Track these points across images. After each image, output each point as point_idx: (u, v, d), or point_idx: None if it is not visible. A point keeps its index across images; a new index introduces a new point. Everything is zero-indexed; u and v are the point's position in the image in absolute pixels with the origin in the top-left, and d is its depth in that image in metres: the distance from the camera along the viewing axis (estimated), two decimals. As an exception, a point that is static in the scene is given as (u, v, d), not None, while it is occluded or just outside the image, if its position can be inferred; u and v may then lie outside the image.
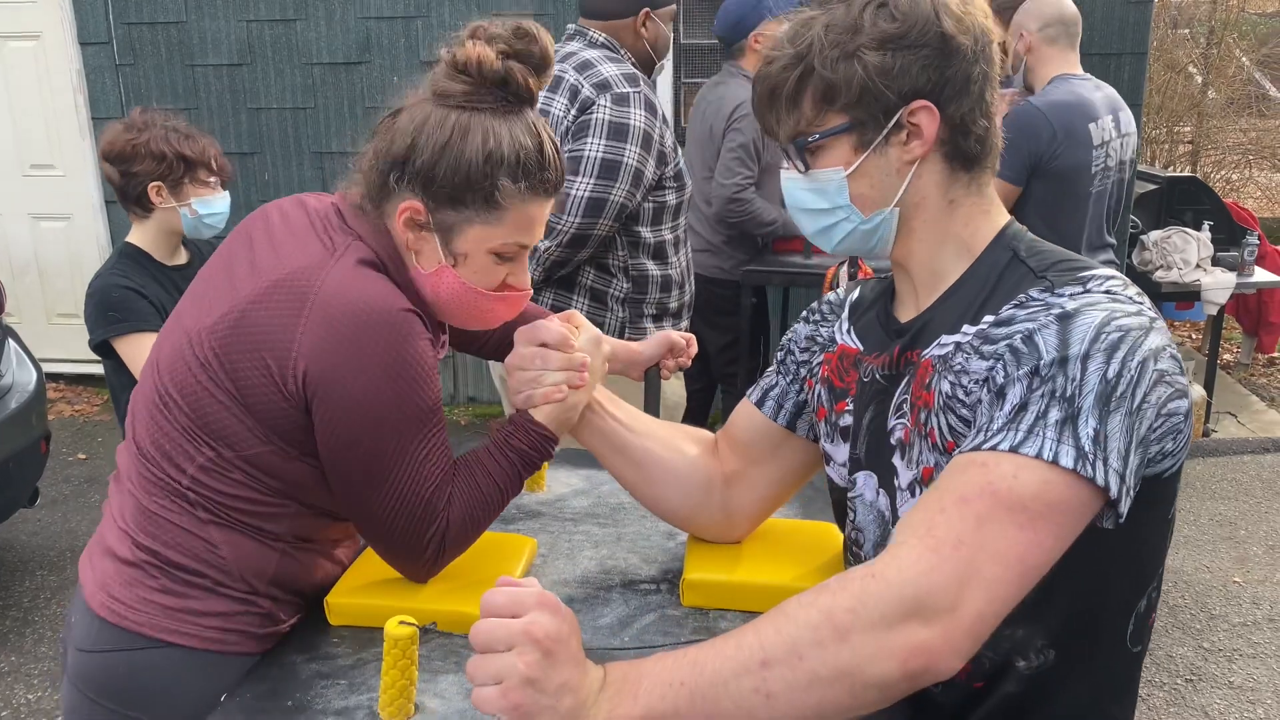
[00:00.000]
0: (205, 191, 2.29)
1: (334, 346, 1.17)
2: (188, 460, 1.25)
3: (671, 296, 2.54)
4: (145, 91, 5.20)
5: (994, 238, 1.09)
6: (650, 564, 1.48)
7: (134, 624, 1.26)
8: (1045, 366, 0.93)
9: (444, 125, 1.23)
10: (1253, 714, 2.88)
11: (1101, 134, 2.94)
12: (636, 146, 2.30)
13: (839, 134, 1.06)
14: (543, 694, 0.83)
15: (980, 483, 0.90)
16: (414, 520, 1.25)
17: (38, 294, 5.69)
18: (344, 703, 1.14)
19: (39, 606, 3.50)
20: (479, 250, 1.27)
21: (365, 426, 1.19)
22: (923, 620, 0.85)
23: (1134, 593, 1.07)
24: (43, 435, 3.55)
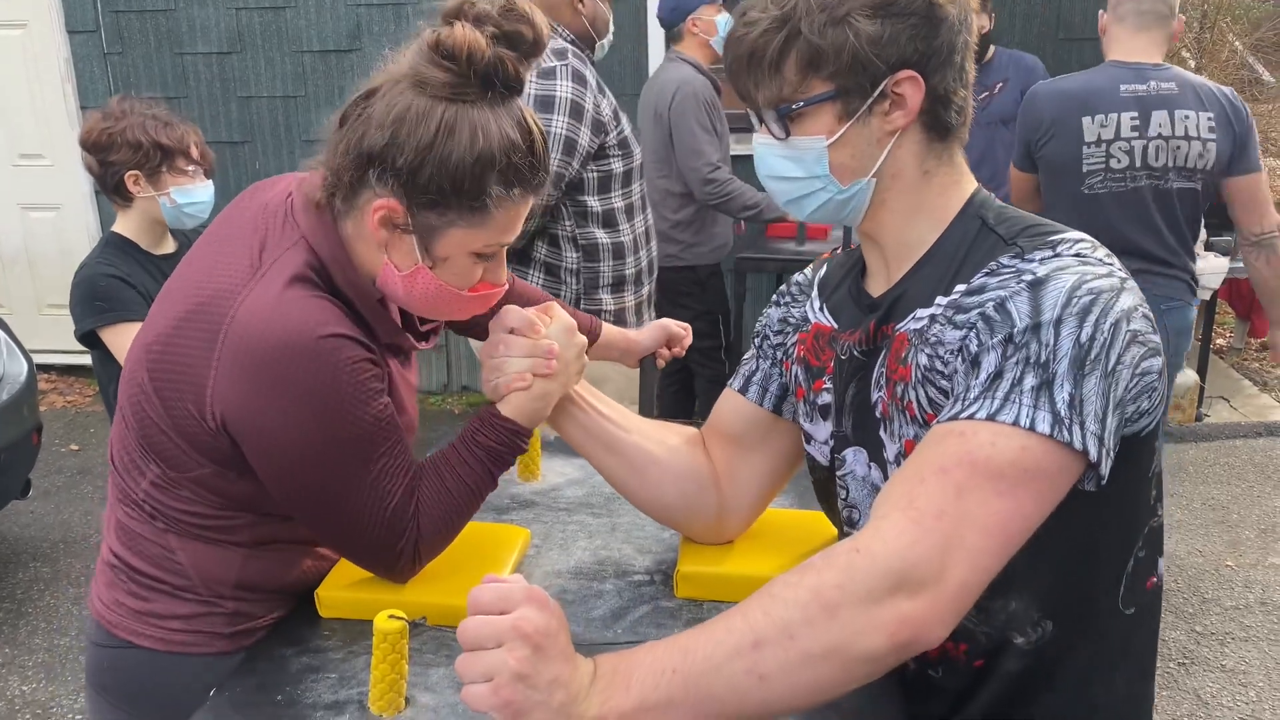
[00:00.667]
0: (184, 181, 2.26)
1: (249, 390, 1.11)
2: (140, 475, 1.24)
3: (626, 264, 2.56)
4: (134, 80, 5.17)
5: (962, 206, 1.09)
6: (645, 555, 1.47)
7: (109, 623, 1.31)
8: (1019, 334, 0.93)
9: (427, 121, 1.11)
10: (1244, 697, 2.89)
11: (1099, 130, 2.73)
12: (564, 116, 2.33)
13: (823, 102, 1.04)
14: (534, 689, 0.83)
15: (958, 452, 0.90)
16: (379, 537, 1.21)
17: (28, 284, 5.67)
18: (334, 696, 1.13)
19: (32, 598, 3.49)
20: (460, 253, 1.18)
21: (301, 465, 1.14)
22: (909, 593, 0.85)
23: (1122, 554, 1.07)
24: (34, 427, 3.54)
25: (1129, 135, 2.72)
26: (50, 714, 2.88)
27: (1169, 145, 2.71)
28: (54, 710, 2.89)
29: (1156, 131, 2.70)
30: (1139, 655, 1.13)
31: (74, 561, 3.75)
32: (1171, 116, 2.70)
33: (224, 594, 1.28)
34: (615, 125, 2.47)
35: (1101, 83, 2.76)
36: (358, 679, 1.16)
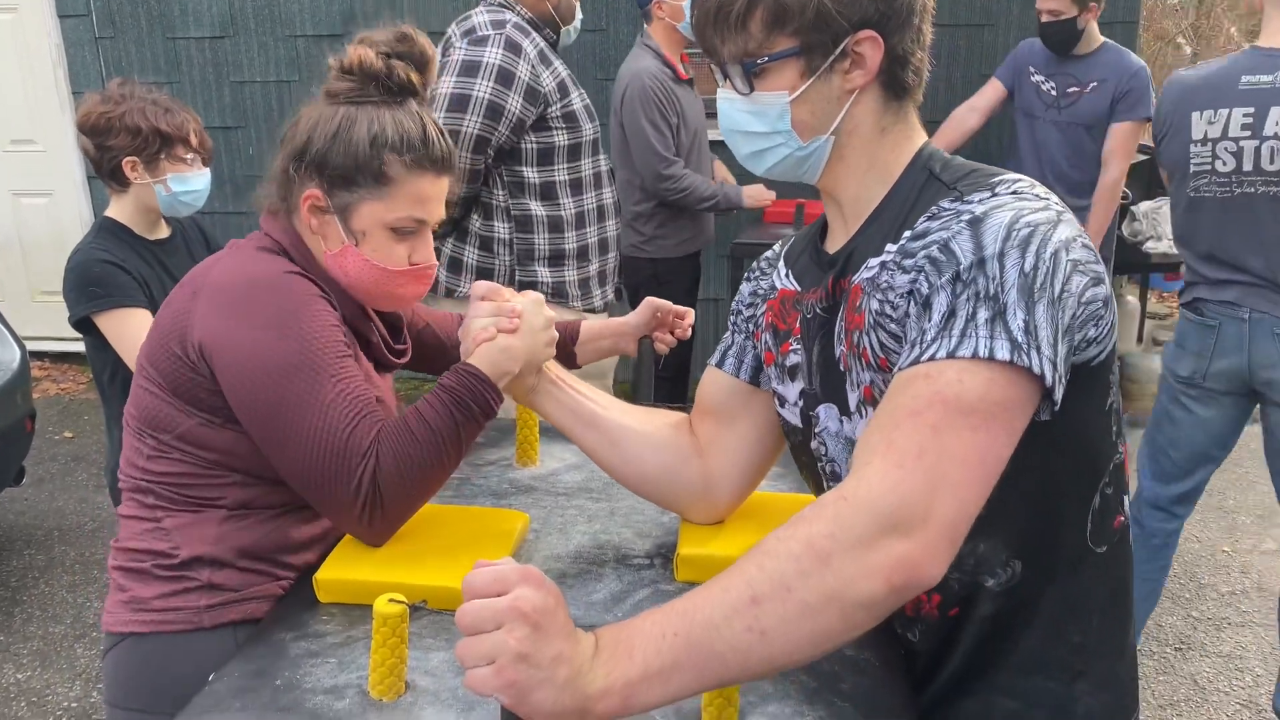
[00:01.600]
0: (182, 169, 2.23)
1: (221, 316, 1.29)
2: (139, 456, 1.38)
3: (565, 238, 2.52)
4: (126, 65, 5.13)
5: (910, 159, 1.12)
6: (644, 539, 1.47)
7: (108, 626, 1.39)
8: (965, 270, 0.96)
9: (334, 118, 1.36)
10: (1240, 682, 2.90)
11: (1207, 128, 2.45)
12: (489, 81, 2.32)
13: (787, 58, 1.06)
14: (537, 668, 0.82)
15: (928, 394, 0.92)
16: (334, 461, 1.25)
17: (20, 271, 5.63)
18: (333, 681, 1.12)
19: (27, 586, 3.48)
20: (376, 226, 1.37)
21: (261, 379, 1.26)
22: (900, 534, 0.86)
23: (1086, 489, 1.09)
24: (28, 414, 3.52)
25: (1238, 134, 2.42)
26: (45, 701, 2.87)
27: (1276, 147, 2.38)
28: (49, 698, 2.89)
29: (1273, 131, 2.37)
30: (1114, 595, 1.14)
31: (68, 549, 3.73)
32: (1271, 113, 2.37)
33: (201, 557, 1.35)
34: (560, 97, 2.44)
35: (1232, 71, 2.44)
36: (357, 663, 1.15)
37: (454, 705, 1.08)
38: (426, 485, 1.32)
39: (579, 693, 0.83)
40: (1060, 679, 1.11)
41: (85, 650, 3.10)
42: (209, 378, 1.30)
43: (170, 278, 2.28)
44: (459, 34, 2.41)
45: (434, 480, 1.33)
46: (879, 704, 1.09)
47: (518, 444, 1.76)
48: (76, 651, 3.10)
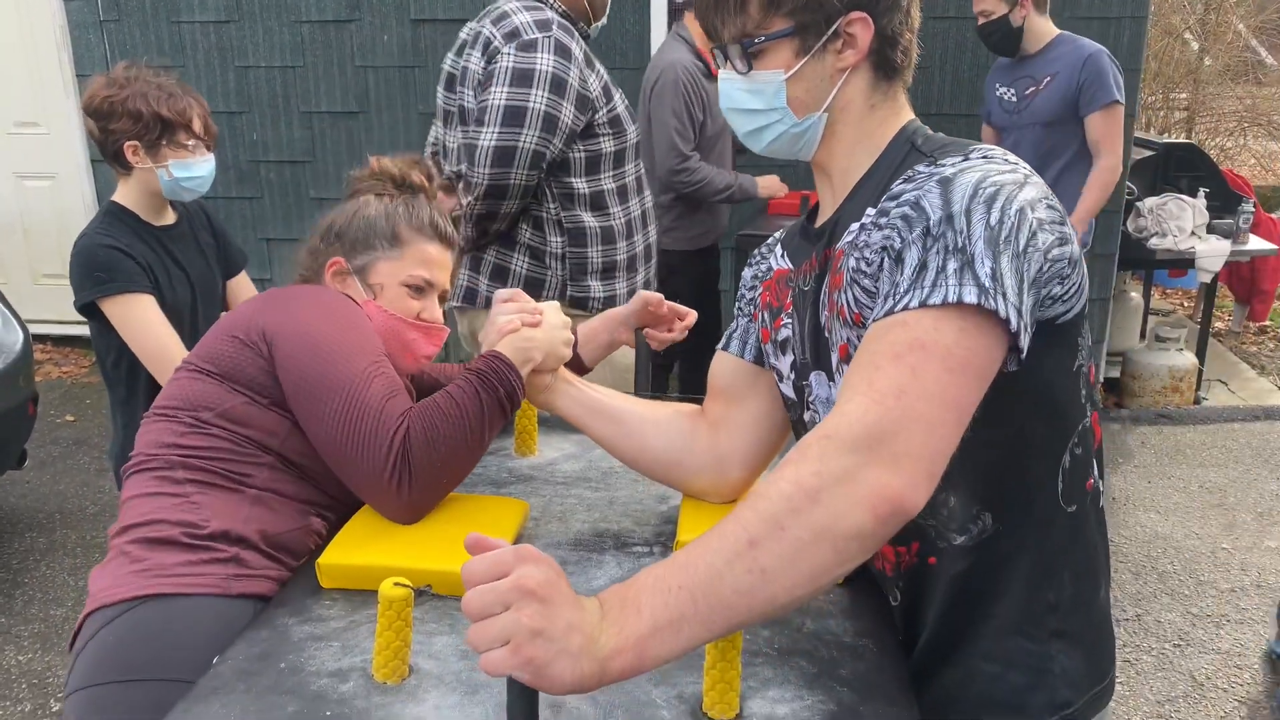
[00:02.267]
0: (184, 155, 2.22)
1: (287, 306, 1.46)
2: (172, 435, 1.42)
3: (617, 249, 2.45)
4: (130, 48, 5.12)
5: (895, 134, 1.17)
6: (643, 527, 1.47)
7: (113, 597, 1.33)
8: (935, 225, 1.00)
9: (355, 204, 1.63)
10: (1239, 679, 2.90)
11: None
12: (544, 91, 2.22)
13: (782, 38, 1.13)
14: (552, 640, 0.83)
15: (908, 339, 0.96)
16: (368, 426, 1.34)
17: (23, 254, 5.64)
18: (338, 664, 1.13)
19: (28, 568, 3.49)
20: (391, 282, 1.59)
21: (311, 353, 1.39)
22: (881, 465, 0.89)
23: (1055, 447, 1.12)
24: (30, 397, 3.52)
25: None
26: (46, 683, 2.88)
27: None
28: (50, 680, 2.90)
29: None
30: (1086, 558, 1.17)
31: (69, 532, 3.74)
32: None
33: (229, 534, 1.36)
34: (605, 102, 2.36)
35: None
36: (361, 647, 1.16)
37: (458, 688, 1.09)
38: (454, 460, 1.38)
39: (594, 657, 0.84)
40: (1037, 638, 1.14)
41: (86, 633, 3.11)
42: (267, 356, 1.41)
43: (175, 264, 2.28)
44: (500, 37, 2.27)
45: (461, 458, 1.39)
46: (877, 688, 1.09)
47: (516, 434, 1.76)
48: (77, 634, 3.11)
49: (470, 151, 2.26)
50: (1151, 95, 8.96)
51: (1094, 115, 3.63)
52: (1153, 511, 3.90)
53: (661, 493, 1.56)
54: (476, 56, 2.32)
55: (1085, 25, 4.55)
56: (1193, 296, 6.59)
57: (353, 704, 1.06)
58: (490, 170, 2.25)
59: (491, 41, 2.28)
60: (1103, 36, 4.57)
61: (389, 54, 4.98)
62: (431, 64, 4.87)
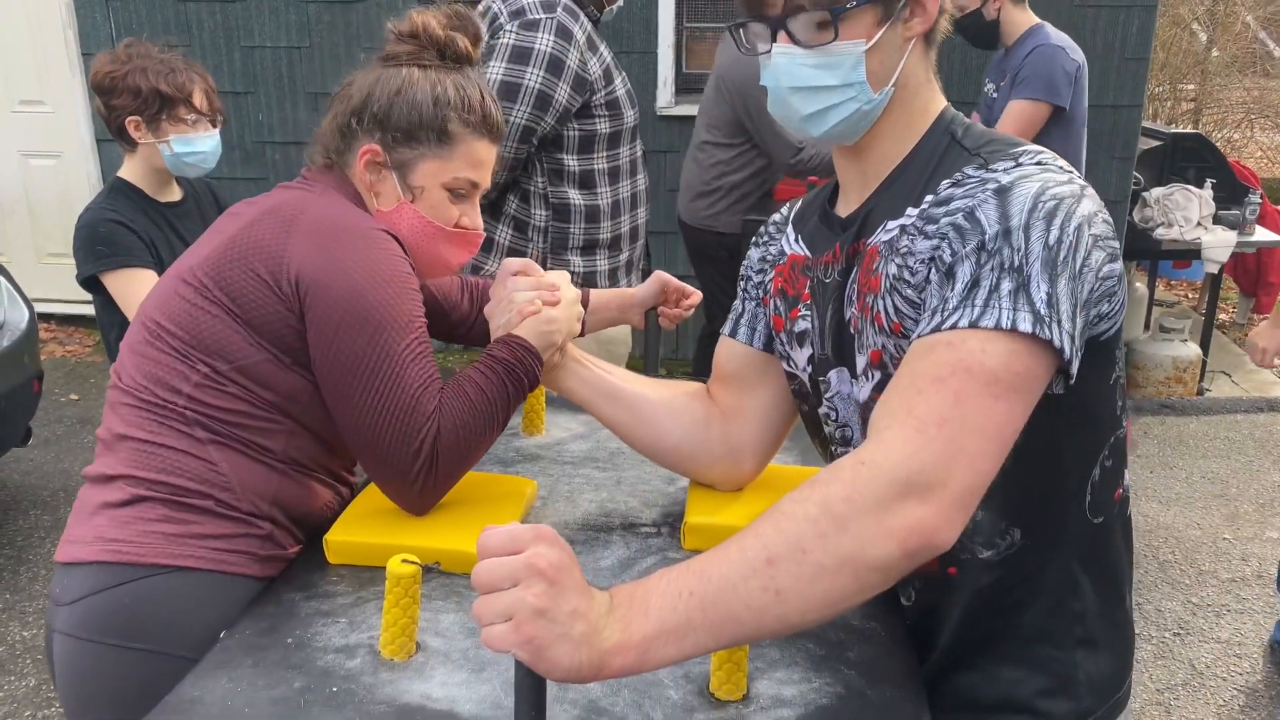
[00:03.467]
0: (184, 130, 2.22)
1: (321, 254, 1.28)
2: (183, 380, 1.29)
3: (600, 227, 2.47)
4: (136, 26, 5.10)
5: (933, 122, 1.11)
6: (651, 508, 1.47)
7: (135, 555, 1.26)
8: (990, 240, 0.96)
9: (395, 78, 1.38)
10: (1239, 668, 2.91)
11: None
12: (540, 70, 2.24)
13: (869, 4, 1.03)
14: (555, 623, 0.83)
15: (951, 361, 0.92)
16: (400, 421, 1.27)
17: (28, 233, 5.63)
18: (345, 640, 1.13)
19: (33, 545, 3.50)
20: (434, 184, 1.40)
21: (350, 323, 1.26)
22: (917, 498, 0.87)
23: (1087, 461, 1.10)
24: (35, 374, 3.53)
25: None
26: (51, 659, 2.89)
27: None
28: (54, 655, 2.91)
29: None
30: (1112, 567, 1.16)
31: (74, 510, 3.75)
32: None
33: (261, 510, 1.32)
34: (605, 85, 2.37)
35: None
36: (368, 624, 1.16)
37: (465, 665, 1.09)
38: (477, 453, 1.35)
39: (595, 648, 0.83)
40: (1063, 647, 1.13)
41: (90, 610, 3.12)
42: (298, 315, 1.28)
43: (180, 240, 2.28)
44: (506, 14, 2.30)
45: (483, 449, 1.36)
46: (884, 672, 1.09)
47: (524, 413, 1.76)
48: (81, 611, 3.12)
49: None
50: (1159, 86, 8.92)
51: (1014, 102, 3.52)
52: (1155, 501, 3.90)
53: (669, 474, 1.56)
54: (485, 34, 2.31)
55: (1094, 14, 4.53)
56: (1197, 288, 6.57)
57: (360, 680, 1.06)
58: None
59: (498, 18, 2.31)
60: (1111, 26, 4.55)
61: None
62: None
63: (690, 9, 4.96)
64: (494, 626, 0.83)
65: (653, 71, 4.87)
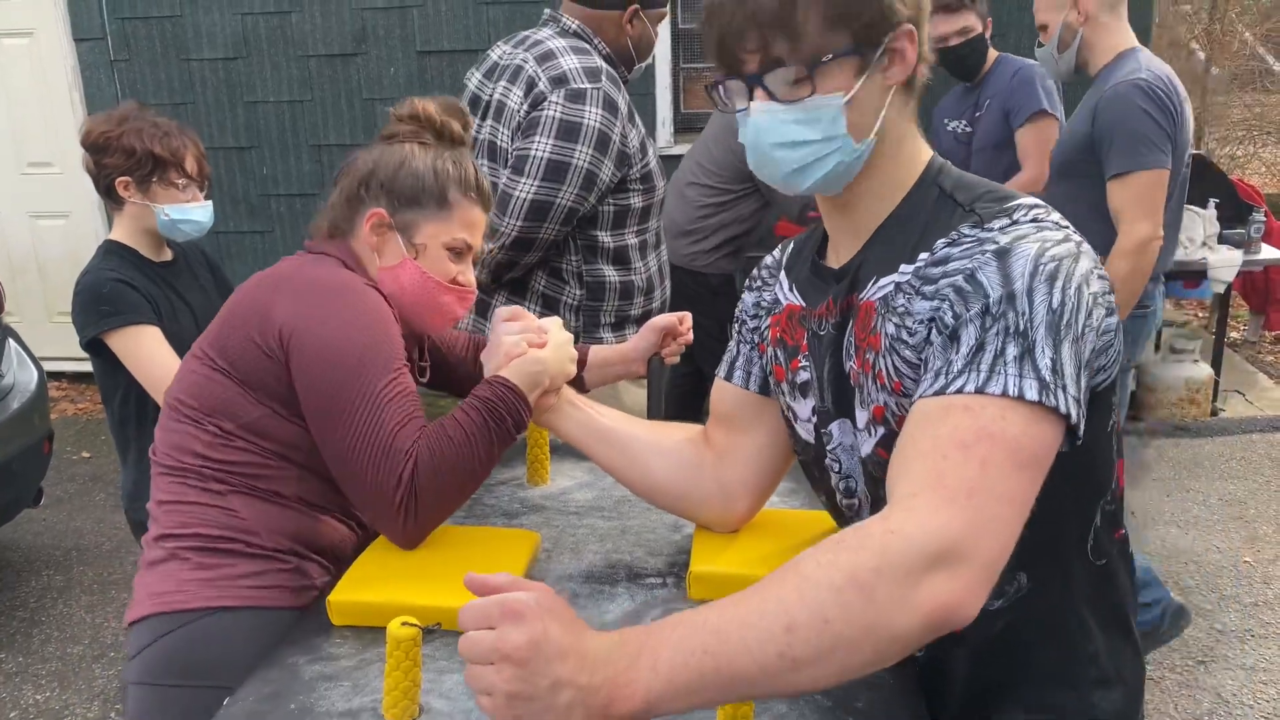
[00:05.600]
0: (176, 195, 2.24)
1: (303, 307, 1.40)
2: (196, 442, 1.44)
3: (633, 304, 2.39)
4: (141, 87, 5.18)
5: (921, 173, 1.10)
6: (656, 556, 1.46)
7: (179, 603, 1.40)
8: (995, 304, 0.95)
9: (399, 151, 1.53)
10: (1265, 695, 2.86)
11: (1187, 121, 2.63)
12: (589, 148, 2.13)
13: (845, 56, 1.02)
14: (533, 700, 0.82)
15: (974, 428, 0.92)
16: (379, 456, 1.33)
17: (38, 292, 5.68)
18: (348, 705, 1.12)
19: (45, 607, 3.50)
20: (435, 243, 1.53)
21: (329, 367, 1.36)
22: (946, 572, 0.86)
23: (1089, 508, 1.10)
24: (45, 435, 3.54)
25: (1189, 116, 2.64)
26: (64, 722, 2.88)
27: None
28: (67, 718, 2.89)
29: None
30: (1118, 606, 1.16)
31: (86, 569, 3.75)
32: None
33: (284, 548, 1.44)
34: (641, 158, 2.26)
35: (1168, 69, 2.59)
36: (371, 686, 1.15)
37: (467, 728, 1.08)
38: (459, 490, 1.39)
39: (591, 706, 0.83)
40: (1080, 688, 1.12)
41: (103, 670, 3.11)
42: (283, 364, 1.39)
43: (179, 297, 2.29)
44: (546, 81, 2.16)
45: (466, 486, 1.40)
46: (894, 723, 1.08)
47: (528, 463, 1.75)
48: (95, 672, 3.11)
49: (504, 200, 2.18)
50: (1159, 106, 8.93)
51: (1022, 128, 3.51)
52: (1173, 526, 3.86)
53: (674, 521, 1.55)
54: (517, 94, 2.21)
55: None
56: (1207, 307, 6.54)
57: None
58: (523, 223, 2.17)
59: (536, 83, 2.18)
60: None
61: (396, 86, 5.02)
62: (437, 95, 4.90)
63: (686, 50, 5.01)
64: (483, 698, 0.84)
65: (651, 112, 4.91)
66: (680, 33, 4.95)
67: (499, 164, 2.26)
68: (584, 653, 0.85)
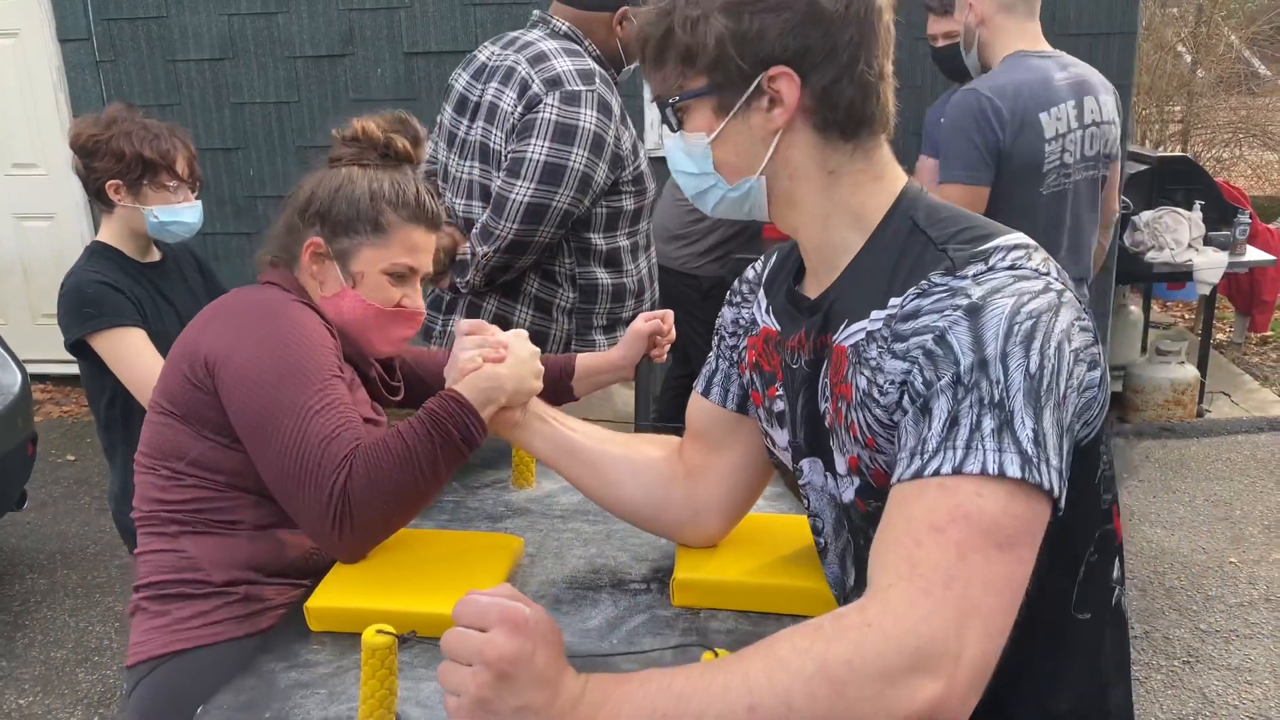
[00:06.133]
0: (166, 197, 2.23)
1: (228, 331, 1.41)
2: (152, 489, 1.46)
3: (625, 306, 2.37)
4: (127, 88, 5.15)
5: (891, 205, 1.04)
6: (641, 562, 1.45)
7: (143, 654, 1.44)
8: (965, 372, 0.89)
9: (336, 177, 1.52)
10: (1250, 695, 2.87)
11: (1056, 125, 2.49)
12: (584, 150, 2.13)
13: (699, 97, 1.03)
14: (496, 715, 0.81)
15: (948, 507, 0.86)
16: (309, 468, 1.30)
17: (22, 294, 5.64)
18: (324, 713, 1.11)
19: (29, 610, 3.47)
20: (373, 270, 1.52)
21: (254, 386, 1.36)
22: (929, 673, 0.80)
23: (1072, 561, 1.04)
24: (29, 438, 3.52)
25: (1072, 126, 2.51)
26: (47, 727, 2.86)
27: (1098, 133, 2.55)
28: (50, 723, 2.87)
29: (1091, 118, 2.53)
30: (1108, 660, 1.09)
31: (70, 573, 3.72)
32: (1085, 102, 2.52)
33: (235, 579, 1.43)
34: (633, 160, 2.26)
35: (1043, 71, 2.49)
36: (348, 694, 1.14)
37: (445, 737, 1.07)
38: (400, 504, 1.34)
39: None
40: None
41: (87, 675, 3.09)
42: (213, 393, 1.38)
43: (165, 299, 2.27)
44: (540, 83, 2.15)
45: (408, 501, 1.34)
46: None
47: (513, 466, 1.75)
48: (78, 676, 3.09)
49: (500, 203, 2.17)
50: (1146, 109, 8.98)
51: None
52: (1158, 527, 3.87)
53: (656, 526, 1.55)
54: (510, 96, 2.20)
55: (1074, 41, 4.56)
56: (1193, 309, 6.57)
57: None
58: (519, 226, 2.16)
59: (529, 85, 2.17)
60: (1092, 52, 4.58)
61: (383, 87, 5.00)
62: (425, 97, 4.88)
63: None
64: (450, 697, 0.83)
65: (639, 115, 4.90)
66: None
67: (491, 166, 2.25)
68: (558, 690, 0.83)
